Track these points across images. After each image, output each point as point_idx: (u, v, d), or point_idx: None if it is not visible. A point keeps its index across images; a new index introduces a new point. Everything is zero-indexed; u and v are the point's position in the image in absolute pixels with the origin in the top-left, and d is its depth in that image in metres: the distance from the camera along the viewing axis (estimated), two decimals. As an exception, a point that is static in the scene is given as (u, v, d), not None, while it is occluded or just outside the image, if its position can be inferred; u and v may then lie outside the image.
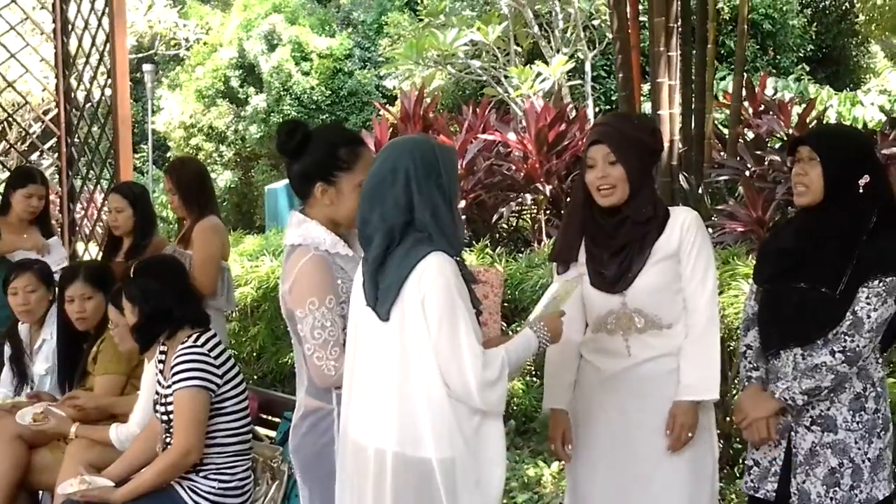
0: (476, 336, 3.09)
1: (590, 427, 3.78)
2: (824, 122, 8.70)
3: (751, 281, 3.94)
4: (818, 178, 3.56)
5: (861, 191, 3.55)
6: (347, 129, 4.02)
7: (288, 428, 4.37)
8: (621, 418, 3.70)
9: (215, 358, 4.23)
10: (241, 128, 24.41)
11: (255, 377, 9.32)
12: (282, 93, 23.36)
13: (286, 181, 17.98)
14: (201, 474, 4.20)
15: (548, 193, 9.34)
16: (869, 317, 3.49)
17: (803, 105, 10.25)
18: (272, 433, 4.74)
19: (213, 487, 4.19)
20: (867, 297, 3.50)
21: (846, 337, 3.50)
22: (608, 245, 3.67)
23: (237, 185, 25.02)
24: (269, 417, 4.86)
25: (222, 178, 24.47)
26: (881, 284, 3.50)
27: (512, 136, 9.71)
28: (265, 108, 23.49)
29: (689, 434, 3.63)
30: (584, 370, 3.81)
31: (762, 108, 9.60)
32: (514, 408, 7.41)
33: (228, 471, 4.23)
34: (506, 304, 7.28)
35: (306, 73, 23.72)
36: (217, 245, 5.78)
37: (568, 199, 7.83)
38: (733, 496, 5.45)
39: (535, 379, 7.50)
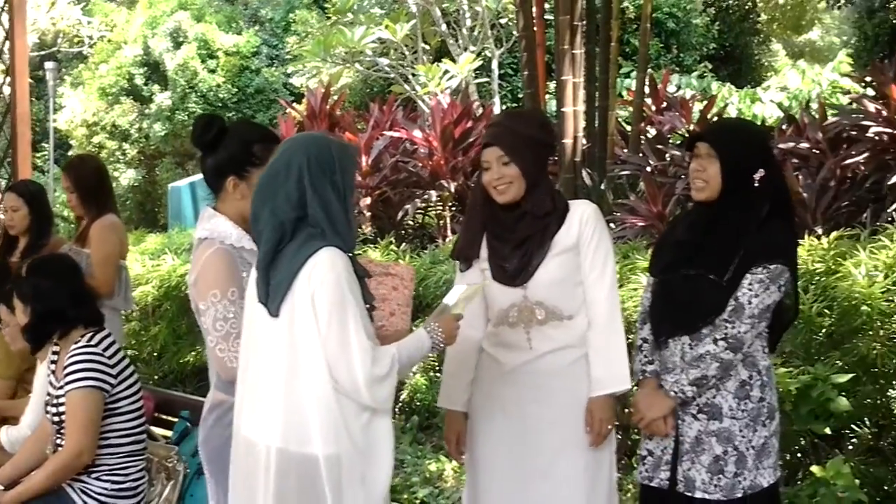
0: (366, 332, 3.08)
1: (489, 421, 3.80)
2: (724, 116, 8.85)
3: (647, 274, 3.98)
4: (716, 174, 3.61)
5: (756, 184, 3.62)
6: (263, 127, 4.05)
7: (184, 428, 4.35)
8: (521, 411, 3.73)
9: (109, 358, 4.17)
10: (145, 126, 24.02)
11: (157, 377, 9.21)
12: (187, 90, 23.05)
13: (190, 179, 17.89)
14: (93, 476, 4.13)
15: (453, 190, 9.38)
16: (750, 303, 3.55)
17: (705, 102, 10.41)
18: (169, 433, 4.68)
19: (106, 489, 4.13)
20: (749, 284, 3.56)
21: (727, 324, 3.55)
22: (509, 239, 3.71)
23: (141, 184, 24.61)
24: (166, 417, 4.80)
25: (125, 177, 24.07)
26: (765, 271, 3.56)
27: (418, 134, 9.73)
28: (170, 106, 23.15)
29: (609, 427, 3.69)
30: (485, 364, 3.83)
31: (664, 105, 9.75)
32: (418, 403, 7.42)
33: (121, 471, 4.17)
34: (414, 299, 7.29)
35: (212, 71, 23.44)
36: (115, 243, 5.70)
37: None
38: (631, 486, 5.51)
39: (438, 374, 7.50)
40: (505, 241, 3.73)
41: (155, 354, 9.37)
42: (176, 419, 4.67)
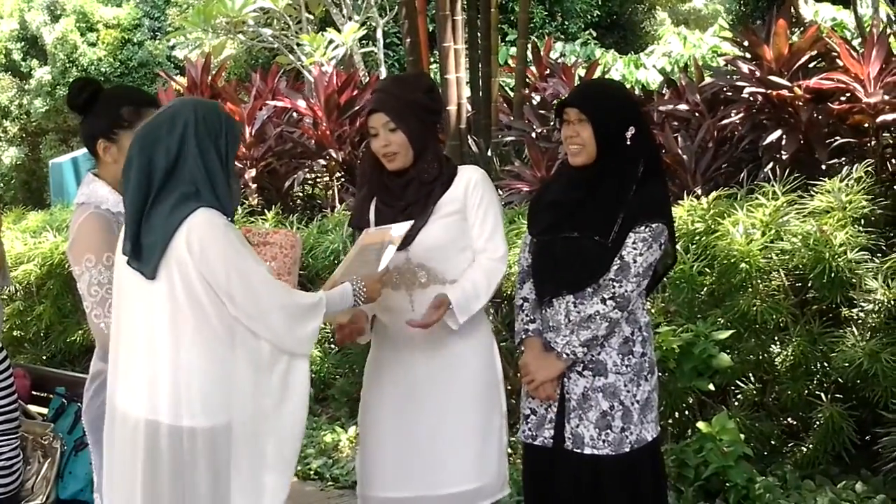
0: (266, 268, 3.09)
1: (378, 387, 3.83)
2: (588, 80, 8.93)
3: (525, 234, 3.99)
4: (590, 137, 3.66)
5: (628, 142, 3.67)
6: (138, 90, 4.02)
7: (59, 404, 4.27)
8: (407, 374, 3.75)
9: None
10: (25, 102, 23.43)
11: (45, 357, 9.04)
12: (67, 65, 22.47)
13: (72, 155, 17.46)
14: None
15: (340, 159, 9.31)
16: (635, 261, 3.61)
17: (587, 68, 10.50)
18: (45, 410, 4.58)
19: None
20: (633, 243, 3.62)
21: (614, 283, 3.61)
22: (394, 205, 3.72)
23: (24, 162, 24.01)
24: (43, 395, 4.69)
25: (7, 155, 23.47)
26: (647, 230, 3.62)
27: (301, 103, 9.63)
28: (50, 82, 22.56)
29: (435, 320, 3.64)
30: (377, 329, 3.84)
31: (547, 72, 9.80)
32: (313, 375, 7.38)
33: None
34: (301, 272, 7.24)
35: (93, 45, 22.89)
36: None
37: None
38: (520, 448, 5.55)
39: (331, 346, 7.49)
40: (391, 206, 3.74)
41: (42, 334, 9.18)
42: (52, 396, 4.57)
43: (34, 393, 4.65)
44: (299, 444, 3.24)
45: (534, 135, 7.95)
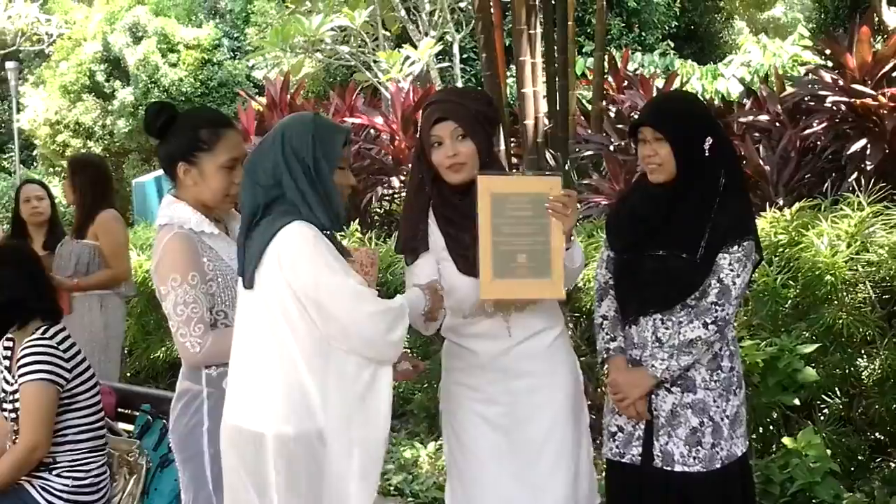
0: (357, 279, 3.11)
1: (471, 412, 3.67)
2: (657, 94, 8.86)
3: (602, 249, 3.93)
4: (668, 155, 3.57)
5: (707, 154, 3.58)
6: (213, 111, 4.01)
7: (145, 421, 4.30)
8: (507, 399, 3.62)
9: (64, 352, 4.12)
10: (108, 122, 23.91)
11: (129, 374, 9.16)
12: (149, 85, 22.92)
13: (155, 174, 17.74)
14: (54, 472, 4.08)
15: (417, 175, 9.32)
16: (734, 283, 3.54)
17: (665, 79, 10.42)
18: (131, 427, 4.63)
19: (67, 486, 4.08)
20: (730, 264, 3.54)
21: (716, 307, 3.53)
22: (465, 226, 3.52)
23: (108, 182, 24.49)
24: (129, 412, 4.75)
25: (92, 175, 23.90)
26: (740, 249, 3.55)
27: (379, 120, 9.69)
28: (133, 102, 23.03)
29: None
30: (456, 353, 3.70)
31: (625, 83, 9.74)
32: (392, 391, 7.38)
33: (82, 468, 4.12)
34: (378, 287, 7.26)
35: (174, 65, 23.31)
36: (122, 233, 6.49)
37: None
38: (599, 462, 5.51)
39: (410, 361, 7.49)
40: (462, 229, 3.55)
41: (126, 351, 9.31)
42: (137, 413, 4.62)
43: (120, 410, 4.71)
44: (383, 451, 3.24)
45: (612, 147, 7.91)
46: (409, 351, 7.38)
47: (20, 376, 4.03)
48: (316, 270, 3.01)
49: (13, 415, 4.10)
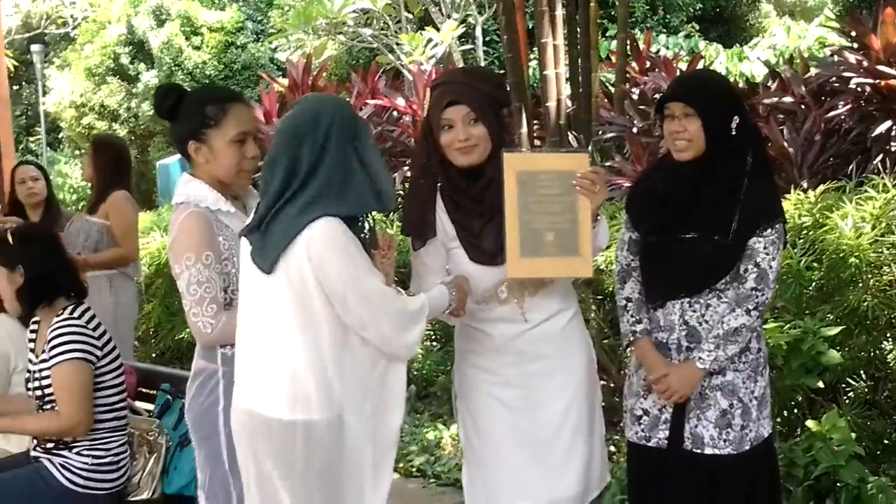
0: (380, 279, 3.10)
1: (486, 396, 3.66)
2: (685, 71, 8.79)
3: (623, 231, 3.87)
4: (698, 131, 3.52)
5: (734, 132, 3.54)
6: (219, 88, 4.06)
7: (165, 400, 4.33)
8: (522, 382, 3.61)
9: (93, 330, 4.15)
10: (133, 105, 24.01)
11: (154, 355, 9.23)
12: (173, 68, 22.98)
13: (179, 156, 17.81)
14: (74, 451, 4.10)
15: (439, 157, 9.31)
16: (771, 266, 3.52)
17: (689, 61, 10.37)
18: (152, 407, 4.65)
19: (87, 464, 4.10)
20: (765, 248, 3.51)
21: (757, 292, 3.51)
22: (475, 211, 3.49)
23: (133, 164, 24.59)
24: (149, 391, 4.77)
25: (117, 158, 24.02)
26: (773, 232, 3.52)
27: (401, 102, 9.68)
28: (157, 85, 23.05)
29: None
30: (471, 336, 3.66)
31: (648, 65, 9.69)
32: (415, 373, 7.41)
33: (103, 446, 4.13)
34: (402, 270, 7.27)
35: (197, 48, 23.37)
36: (132, 212, 6.51)
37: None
38: (624, 447, 5.50)
39: (434, 343, 7.51)
40: (472, 214, 3.51)
41: (151, 332, 9.37)
42: (157, 392, 4.65)
43: (141, 389, 4.74)
44: (397, 439, 3.25)
45: (634, 129, 7.88)
46: (430, 332, 7.41)
47: (54, 356, 4.05)
48: (343, 271, 3.01)
49: (39, 392, 4.13)
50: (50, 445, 4.14)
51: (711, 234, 3.53)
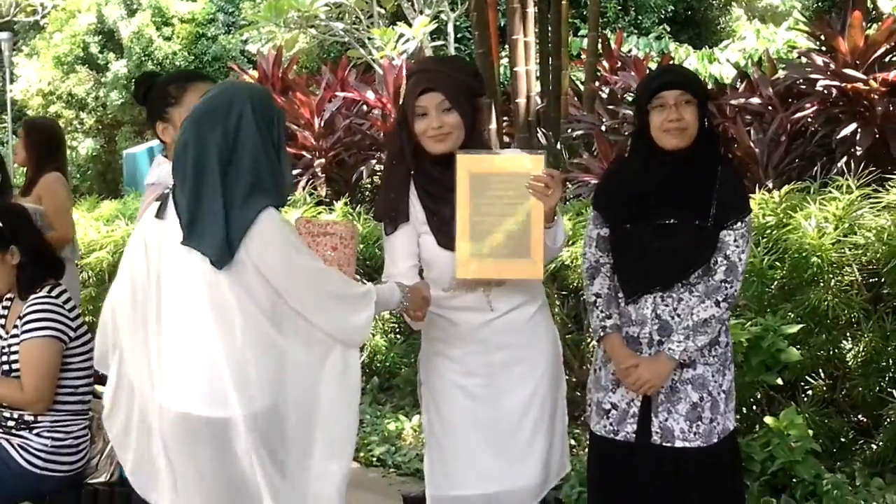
0: (321, 263, 3.14)
1: (450, 384, 3.67)
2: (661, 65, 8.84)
3: (590, 227, 3.86)
4: (694, 118, 3.57)
5: (707, 122, 3.65)
6: (184, 70, 4.09)
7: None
8: (482, 373, 3.62)
9: (69, 311, 4.17)
10: (101, 94, 23.86)
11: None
12: (143, 58, 22.82)
13: (147, 145, 17.68)
14: (34, 432, 4.10)
15: (408, 151, 9.31)
16: (740, 259, 3.57)
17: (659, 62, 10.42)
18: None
19: (46, 445, 4.10)
20: (735, 240, 3.57)
21: (726, 284, 3.56)
22: (447, 198, 3.48)
23: (100, 153, 24.47)
24: (106, 374, 4.74)
25: (84, 146, 23.95)
26: (743, 226, 3.58)
27: (370, 95, 9.68)
28: (126, 75, 22.92)
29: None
30: (439, 325, 3.66)
31: (618, 64, 9.74)
32: (378, 365, 7.42)
33: (63, 429, 4.13)
34: (368, 263, 7.28)
35: (168, 39, 23.23)
36: (63, 195, 6.28)
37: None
38: (585, 440, 5.52)
39: (398, 336, 7.51)
40: (443, 201, 3.50)
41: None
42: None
43: (102, 374, 4.72)
44: (354, 431, 3.23)
45: (603, 128, 7.91)
46: (395, 325, 7.42)
47: (25, 332, 4.05)
48: (287, 259, 3.01)
49: (6, 367, 4.12)
50: (11, 425, 4.13)
51: (692, 219, 3.57)
